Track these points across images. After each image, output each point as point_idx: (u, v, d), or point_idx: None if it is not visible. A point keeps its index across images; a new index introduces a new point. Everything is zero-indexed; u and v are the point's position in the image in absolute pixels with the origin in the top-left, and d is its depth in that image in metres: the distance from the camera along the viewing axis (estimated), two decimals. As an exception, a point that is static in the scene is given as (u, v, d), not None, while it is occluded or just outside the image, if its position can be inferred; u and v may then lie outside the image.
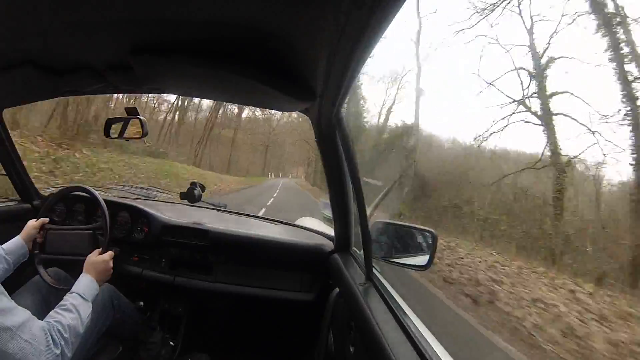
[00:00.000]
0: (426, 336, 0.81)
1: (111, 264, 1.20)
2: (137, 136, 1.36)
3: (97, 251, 1.21)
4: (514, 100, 10.03)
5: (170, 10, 0.57)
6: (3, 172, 1.61)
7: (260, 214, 2.05)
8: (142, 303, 1.67)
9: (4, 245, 1.19)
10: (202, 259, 1.61)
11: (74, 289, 1.04)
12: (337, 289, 1.29)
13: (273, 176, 33.37)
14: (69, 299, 0.99)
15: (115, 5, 0.57)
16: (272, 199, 12.13)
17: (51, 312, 0.94)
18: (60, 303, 0.98)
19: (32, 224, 1.30)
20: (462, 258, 6.79)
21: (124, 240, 1.61)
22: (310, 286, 1.56)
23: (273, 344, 1.77)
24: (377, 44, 0.52)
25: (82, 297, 1.02)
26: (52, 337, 0.84)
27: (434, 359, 0.73)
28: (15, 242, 1.22)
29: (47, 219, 1.35)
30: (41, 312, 1.14)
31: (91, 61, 0.85)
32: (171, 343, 1.61)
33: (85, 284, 1.07)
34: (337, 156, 1.10)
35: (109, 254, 1.22)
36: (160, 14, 0.59)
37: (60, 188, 1.51)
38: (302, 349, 1.65)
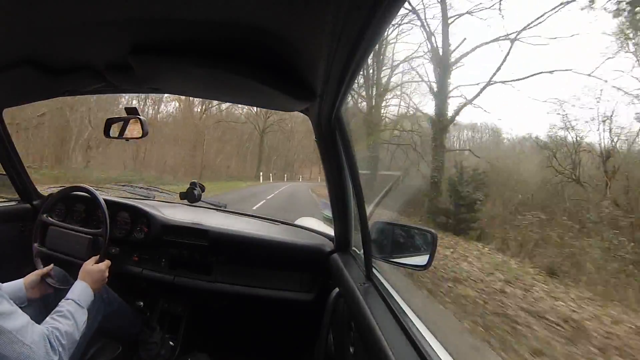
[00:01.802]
0: (426, 336, 0.81)
1: (107, 274, 1.20)
2: (138, 136, 1.36)
3: (94, 259, 1.21)
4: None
5: (170, 10, 0.57)
6: (3, 172, 1.61)
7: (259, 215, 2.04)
8: (141, 303, 1.67)
9: (4, 285, 1.16)
10: (202, 259, 1.61)
11: (69, 295, 1.04)
12: (337, 289, 1.29)
13: (272, 179, 23.27)
14: (65, 306, 0.99)
15: (115, 5, 0.57)
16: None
17: (48, 318, 0.94)
18: (56, 309, 0.98)
19: (35, 273, 1.22)
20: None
21: (124, 240, 1.61)
22: (310, 286, 1.56)
23: (273, 344, 1.77)
24: (377, 45, 0.52)
25: (77, 303, 1.02)
26: (50, 343, 0.85)
27: (434, 359, 0.73)
28: (15, 284, 1.16)
29: (48, 268, 1.23)
30: (39, 311, 1.14)
31: (91, 61, 0.85)
32: (171, 343, 1.61)
33: (81, 290, 1.07)
34: (337, 156, 1.10)
35: (106, 263, 1.22)
36: (160, 13, 0.59)
37: (60, 188, 1.51)
38: (302, 349, 1.65)
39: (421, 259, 1.09)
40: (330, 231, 1.56)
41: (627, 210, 6.80)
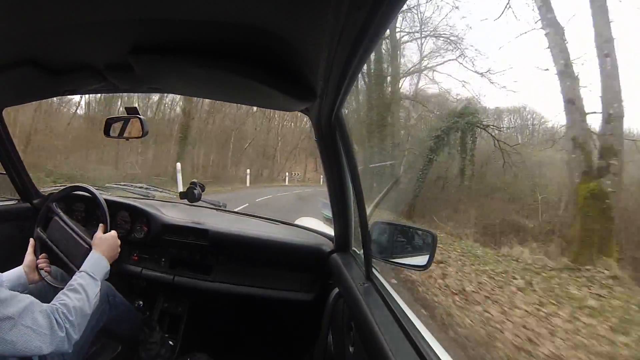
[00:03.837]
0: (426, 336, 0.81)
1: (118, 241, 1.20)
2: (137, 135, 1.36)
3: (102, 227, 1.21)
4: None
5: (170, 10, 0.57)
6: (3, 171, 1.62)
7: (259, 214, 2.04)
8: (141, 302, 1.67)
9: (4, 274, 1.17)
10: (202, 259, 1.61)
11: (82, 267, 1.02)
12: (337, 289, 1.29)
13: (181, 184, 8.30)
14: (77, 279, 0.98)
15: (116, 5, 0.57)
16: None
17: (59, 294, 0.93)
18: (68, 283, 0.97)
19: (28, 252, 1.25)
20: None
21: (124, 240, 1.61)
22: (310, 286, 1.56)
23: (273, 344, 1.77)
24: (377, 45, 0.52)
25: (90, 275, 1.00)
26: (56, 320, 0.84)
27: (434, 359, 0.73)
28: (15, 271, 1.18)
29: (34, 241, 1.28)
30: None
31: (91, 61, 0.85)
32: (170, 343, 1.61)
33: (95, 261, 1.05)
34: (337, 156, 1.10)
35: (112, 233, 1.21)
36: (160, 14, 0.59)
37: (61, 187, 1.51)
38: (301, 348, 1.65)
39: (421, 259, 1.09)
40: (330, 231, 1.56)
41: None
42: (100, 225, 1.23)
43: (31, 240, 1.29)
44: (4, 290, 0.80)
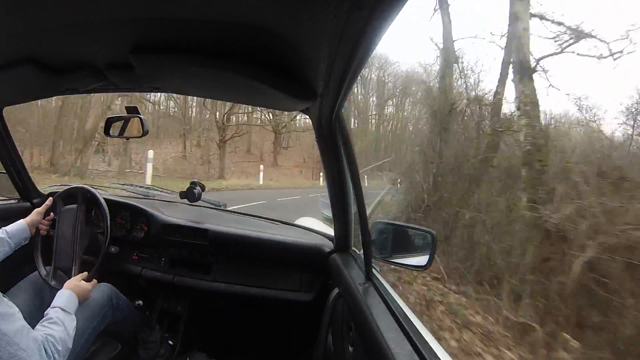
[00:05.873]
0: (425, 336, 0.81)
1: (91, 294, 1.20)
2: (137, 135, 1.36)
3: (82, 275, 1.21)
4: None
5: (171, 9, 0.57)
6: (3, 170, 1.62)
7: (258, 214, 2.04)
8: (141, 302, 1.67)
9: (7, 228, 1.21)
10: (202, 258, 1.61)
11: (55, 303, 1.04)
12: (337, 289, 1.29)
13: None
14: (54, 313, 0.99)
15: (116, 3, 0.57)
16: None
17: (38, 326, 0.93)
18: (46, 317, 0.98)
19: (37, 209, 1.32)
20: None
21: (124, 239, 1.61)
22: (309, 286, 1.56)
23: (272, 344, 1.77)
24: (378, 45, 0.52)
25: (65, 310, 1.02)
26: (45, 350, 0.85)
27: (433, 359, 0.73)
28: (18, 225, 1.24)
29: (52, 201, 1.36)
30: (34, 310, 1.15)
31: (91, 59, 0.85)
32: (170, 342, 1.61)
33: (66, 298, 1.07)
34: (338, 156, 1.10)
35: (93, 283, 1.22)
36: (161, 12, 0.58)
37: (63, 188, 1.51)
38: (301, 348, 1.65)
39: (421, 259, 1.09)
40: (330, 231, 1.56)
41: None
42: (82, 274, 1.22)
43: (49, 199, 1.33)
44: (5, 305, 0.80)
